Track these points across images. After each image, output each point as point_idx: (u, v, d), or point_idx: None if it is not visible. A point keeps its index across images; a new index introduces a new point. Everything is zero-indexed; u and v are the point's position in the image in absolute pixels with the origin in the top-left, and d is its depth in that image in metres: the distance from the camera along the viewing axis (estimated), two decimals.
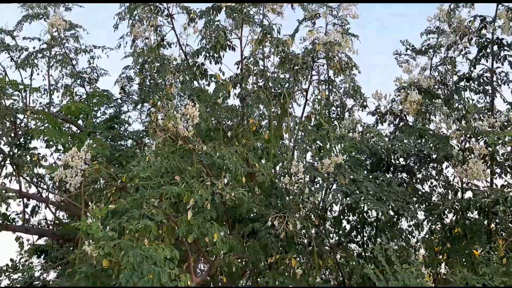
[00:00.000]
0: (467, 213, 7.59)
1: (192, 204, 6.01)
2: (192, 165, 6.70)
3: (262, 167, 7.36)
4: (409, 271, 5.99)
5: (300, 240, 7.50)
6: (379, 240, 7.15)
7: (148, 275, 4.93)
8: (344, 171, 7.08)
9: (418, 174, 8.75)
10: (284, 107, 8.60)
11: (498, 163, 8.04)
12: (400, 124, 8.93)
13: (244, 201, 6.56)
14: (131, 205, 5.82)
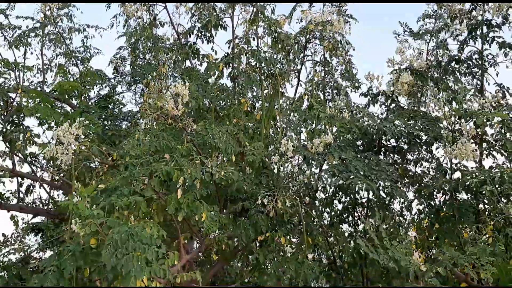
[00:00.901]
0: (456, 194, 7.64)
1: (182, 183, 6.06)
2: (182, 144, 6.73)
3: (253, 147, 7.39)
4: (398, 247, 6.08)
5: (290, 219, 7.54)
6: (371, 220, 7.21)
7: (132, 252, 4.97)
8: (333, 151, 7.11)
9: (409, 156, 8.80)
10: (276, 88, 8.61)
11: (487, 143, 8.09)
12: (392, 106, 8.94)
13: (234, 180, 6.61)
14: (121, 183, 5.86)
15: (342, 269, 9.79)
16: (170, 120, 6.55)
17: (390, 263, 5.74)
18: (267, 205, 6.73)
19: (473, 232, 6.77)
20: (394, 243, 6.03)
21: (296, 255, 7.33)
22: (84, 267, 5.30)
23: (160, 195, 6.36)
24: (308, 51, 9.50)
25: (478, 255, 5.95)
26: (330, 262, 10.44)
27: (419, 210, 8.40)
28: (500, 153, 8.06)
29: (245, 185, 7.21)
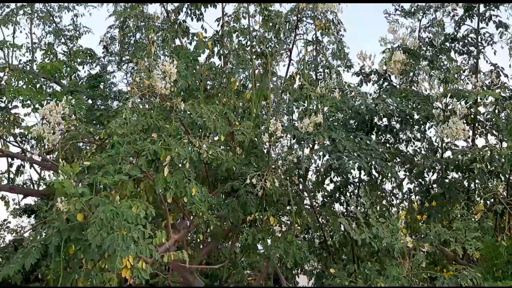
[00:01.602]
0: (447, 172, 7.62)
1: (168, 161, 6.00)
2: (170, 123, 6.66)
3: (242, 126, 7.32)
4: (384, 225, 6.07)
5: (280, 199, 7.52)
6: (362, 200, 7.19)
7: (118, 231, 4.94)
8: (323, 131, 7.06)
9: (401, 135, 8.75)
10: (266, 67, 8.51)
11: (479, 123, 8.05)
12: (384, 85, 8.87)
13: (222, 159, 6.56)
14: (106, 161, 5.80)
15: (333, 248, 9.83)
16: (158, 99, 6.46)
17: (374, 241, 5.73)
18: (256, 185, 6.69)
19: (461, 209, 6.76)
20: (381, 220, 6.01)
21: (285, 235, 7.32)
22: (69, 244, 5.26)
23: (148, 174, 6.30)
24: (299, 30, 9.38)
25: (464, 231, 5.95)
26: (321, 242, 10.48)
27: (409, 189, 8.39)
28: (491, 133, 8.03)
29: (234, 165, 7.16)
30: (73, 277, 5.34)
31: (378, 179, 9.18)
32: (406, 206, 9.56)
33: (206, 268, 10.17)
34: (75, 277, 5.33)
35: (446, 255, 8.07)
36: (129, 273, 5.21)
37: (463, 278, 5.78)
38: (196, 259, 9.46)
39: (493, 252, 6.55)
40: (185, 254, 5.87)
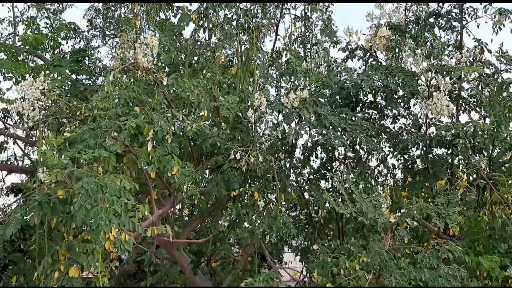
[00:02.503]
0: (430, 148, 7.65)
1: (151, 136, 5.94)
2: (153, 97, 6.57)
3: (227, 101, 7.26)
4: (367, 200, 6.11)
5: (265, 174, 7.51)
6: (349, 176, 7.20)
7: (102, 204, 4.91)
8: (308, 106, 7.02)
9: (386, 111, 8.75)
10: (253, 42, 8.39)
11: (463, 100, 8.07)
12: (370, 60, 8.83)
13: (206, 134, 6.51)
14: (87, 135, 5.72)
15: (318, 224, 9.90)
16: (140, 73, 6.37)
17: (360, 216, 5.77)
18: (240, 160, 6.67)
19: (444, 184, 6.80)
20: (364, 195, 6.04)
21: (269, 210, 7.34)
22: (50, 217, 5.23)
23: (131, 149, 6.24)
24: (287, 5, 9.25)
25: (445, 205, 6.00)
26: (307, 218, 10.55)
27: (393, 165, 8.43)
28: (475, 110, 8.06)
29: (219, 140, 7.11)
30: (55, 248, 5.32)
31: (363, 155, 9.23)
32: (391, 183, 9.63)
33: (192, 243, 10.21)
34: (56, 249, 5.31)
35: (430, 231, 8.16)
36: (111, 245, 5.19)
37: (444, 251, 5.85)
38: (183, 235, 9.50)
39: (475, 227, 6.63)
40: (168, 229, 5.86)
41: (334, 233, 10.07)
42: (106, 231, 4.81)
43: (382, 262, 5.95)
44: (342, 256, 6.76)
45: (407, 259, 6.08)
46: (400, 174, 8.49)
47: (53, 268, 5.28)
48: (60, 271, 5.23)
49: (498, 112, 5.98)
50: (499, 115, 5.97)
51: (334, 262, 6.77)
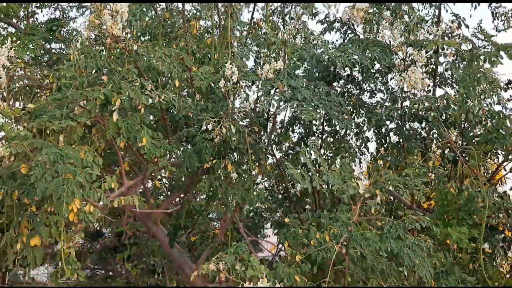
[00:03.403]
0: (404, 121, 7.64)
1: (118, 105, 5.83)
2: (123, 66, 6.44)
3: (200, 71, 7.14)
4: (336, 172, 6.09)
5: (238, 146, 7.45)
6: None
7: (63, 174, 4.82)
8: (282, 78, 6.93)
9: (364, 86, 8.70)
10: (229, 12, 8.24)
11: (440, 75, 8.04)
12: (348, 33, 8.73)
13: (176, 104, 6.41)
14: (53, 105, 5.60)
15: (295, 198, 9.92)
16: (110, 40, 6.22)
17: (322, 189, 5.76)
18: (212, 131, 6.59)
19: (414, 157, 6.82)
20: (332, 168, 6.02)
21: (242, 182, 7.31)
22: (12, 189, 5.14)
23: (99, 119, 6.14)
24: None
25: (413, 177, 6.01)
26: (284, 192, 10.56)
27: (366, 137, 8.41)
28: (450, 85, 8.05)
29: (191, 111, 7.02)
30: (17, 219, 5.24)
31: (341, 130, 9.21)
32: (368, 157, 9.63)
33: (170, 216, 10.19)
34: (19, 220, 5.24)
35: (404, 203, 8.22)
36: (75, 216, 5.13)
37: (411, 222, 5.88)
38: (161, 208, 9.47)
39: (444, 200, 6.68)
40: (135, 199, 5.81)
41: (311, 207, 10.12)
42: (69, 202, 4.73)
43: (349, 232, 5.97)
44: (313, 228, 6.79)
45: (377, 231, 6.11)
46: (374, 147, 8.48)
47: (16, 240, 5.21)
48: (22, 242, 5.16)
49: (468, 84, 5.96)
50: (468, 87, 5.95)
51: (305, 234, 6.80)
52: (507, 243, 6.94)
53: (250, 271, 6.06)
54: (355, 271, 6.40)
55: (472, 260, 7.03)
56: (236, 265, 6.22)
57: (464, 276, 6.56)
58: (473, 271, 7.06)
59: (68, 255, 5.35)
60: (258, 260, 6.42)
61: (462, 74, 6.49)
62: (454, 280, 6.45)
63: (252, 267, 6.14)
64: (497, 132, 6.01)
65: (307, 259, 6.35)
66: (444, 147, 6.88)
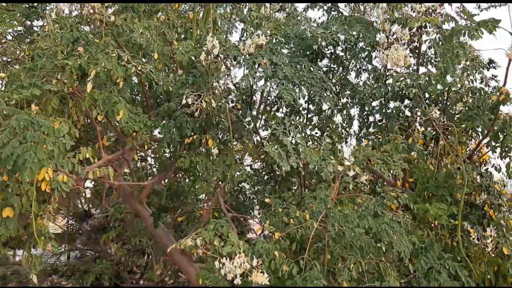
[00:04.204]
0: (387, 99, 7.58)
1: (93, 76, 5.72)
2: (101, 38, 6.33)
3: (181, 45, 7.03)
4: (314, 151, 6.04)
5: (220, 122, 7.37)
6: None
7: (32, 142, 4.73)
8: (264, 53, 6.83)
9: (348, 64, 8.61)
10: None
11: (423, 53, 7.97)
12: (331, 10, 8.62)
13: (154, 76, 6.31)
14: (27, 75, 5.49)
15: (280, 177, 9.88)
16: (86, 11, 6.10)
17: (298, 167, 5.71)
18: (192, 106, 6.50)
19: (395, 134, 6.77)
20: (312, 146, 5.97)
21: (223, 158, 7.25)
22: None
23: (76, 91, 6.04)
24: None
25: (390, 152, 5.98)
26: (269, 172, 10.52)
27: (349, 115, 8.35)
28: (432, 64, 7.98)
29: (172, 86, 6.92)
30: None
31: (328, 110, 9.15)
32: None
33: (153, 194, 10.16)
34: None
35: (387, 182, 8.20)
36: (48, 186, 5.06)
37: (389, 199, 5.85)
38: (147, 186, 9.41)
39: (424, 177, 6.65)
40: (110, 170, 5.74)
41: (296, 186, 10.11)
42: (34, 169, 4.65)
43: (327, 210, 5.94)
44: (293, 207, 6.76)
45: (352, 205, 6.09)
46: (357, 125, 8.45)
47: None
48: None
49: (447, 59, 5.89)
50: (447, 61, 5.88)
51: (285, 212, 6.78)
52: (486, 220, 6.93)
53: (228, 247, 6.03)
54: (334, 248, 6.39)
55: (451, 237, 7.03)
56: (215, 241, 6.19)
57: (443, 253, 6.56)
58: (452, 248, 7.07)
59: (41, 226, 5.28)
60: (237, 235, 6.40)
61: (441, 49, 6.41)
62: (433, 257, 6.45)
63: (231, 243, 6.11)
64: (477, 109, 5.96)
65: (286, 236, 6.33)
66: (426, 125, 6.84)
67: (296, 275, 5.93)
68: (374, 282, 5.81)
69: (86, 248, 16.35)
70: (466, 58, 5.98)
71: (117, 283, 14.48)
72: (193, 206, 12.47)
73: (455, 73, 6.06)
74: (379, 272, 6.02)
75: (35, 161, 4.63)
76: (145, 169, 12.08)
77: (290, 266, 6.00)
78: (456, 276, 6.38)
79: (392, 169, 5.86)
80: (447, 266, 6.27)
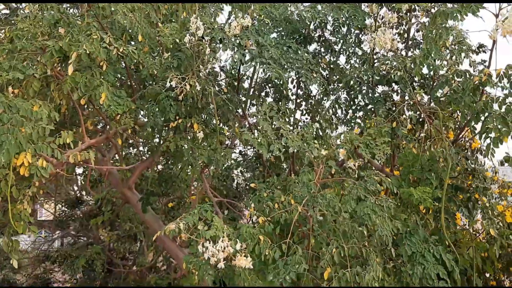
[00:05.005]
0: (374, 84, 7.51)
1: (74, 58, 5.64)
2: (83, 20, 6.22)
3: (166, 28, 6.93)
4: (297, 136, 5.99)
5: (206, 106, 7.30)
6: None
7: (8, 124, 4.66)
8: (250, 34, 6.74)
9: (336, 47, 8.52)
10: None
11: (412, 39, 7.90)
12: None
13: (136, 59, 6.22)
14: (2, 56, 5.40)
15: (268, 162, 9.83)
16: None
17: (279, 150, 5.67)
18: (176, 89, 6.42)
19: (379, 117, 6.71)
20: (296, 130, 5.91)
21: (209, 142, 7.19)
22: None
23: (57, 73, 5.96)
24: None
25: (374, 136, 5.93)
26: (257, 157, 10.48)
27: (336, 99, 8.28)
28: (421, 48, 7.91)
29: (156, 69, 6.83)
30: None
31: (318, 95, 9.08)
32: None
33: None
34: None
35: (375, 167, 8.17)
36: (26, 170, 5.00)
37: (372, 183, 5.82)
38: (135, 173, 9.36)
39: (409, 161, 6.62)
40: (91, 154, 5.68)
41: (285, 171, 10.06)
42: (12, 152, 4.59)
43: (310, 193, 5.90)
44: (278, 191, 6.73)
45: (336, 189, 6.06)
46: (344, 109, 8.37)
47: None
48: None
49: (429, 40, 5.83)
50: (430, 43, 5.82)
51: (270, 197, 6.75)
52: (472, 203, 6.91)
53: (211, 230, 6.00)
54: (318, 233, 6.37)
55: (435, 220, 7.02)
56: (199, 225, 6.16)
57: (428, 236, 6.56)
58: (438, 232, 7.06)
59: (20, 211, 5.23)
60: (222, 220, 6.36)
61: (426, 30, 6.34)
62: (418, 241, 6.44)
63: (214, 227, 6.08)
64: (463, 92, 5.91)
65: (271, 221, 6.30)
66: (413, 109, 6.79)
67: (278, 259, 5.91)
68: (357, 267, 5.80)
69: (79, 234, 16.38)
70: (448, 38, 5.92)
71: (110, 268, 14.53)
72: (183, 191, 12.44)
73: (439, 54, 6.00)
74: (362, 256, 6.01)
75: (12, 143, 4.56)
76: (137, 155, 12.03)
77: (273, 251, 5.98)
78: (441, 261, 6.38)
79: (375, 153, 5.81)
80: (432, 251, 6.27)
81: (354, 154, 6.55)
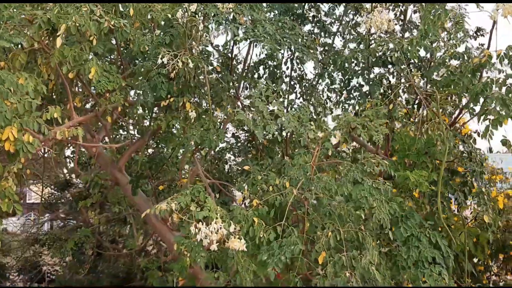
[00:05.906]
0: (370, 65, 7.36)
1: (63, 30, 5.41)
2: None
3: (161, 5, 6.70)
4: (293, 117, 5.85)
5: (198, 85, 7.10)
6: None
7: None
8: (244, 9, 6.53)
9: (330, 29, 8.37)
10: None
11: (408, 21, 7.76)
12: None
13: (128, 34, 6.00)
14: None
15: (262, 145, 9.70)
16: None
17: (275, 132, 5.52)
18: (167, 65, 6.21)
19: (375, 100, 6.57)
20: (291, 112, 5.76)
21: (201, 121, 7.01)
22: None
23: (44, 47, 5.73)
24: None
25: (371, 117, 5.80)
26: (251, 140, 10.33)
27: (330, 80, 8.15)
28: None
29: (147, 45, 6.61)
30: None
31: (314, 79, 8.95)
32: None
33: None
34: None
35: (369, 150, 8.07)
36: (12, 146, 4.81)
37: (370, 165, 5.70)
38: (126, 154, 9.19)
39: (405, 144, 6.51)
40: (79, 131, 5.48)
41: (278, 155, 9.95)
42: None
43: (305, 176, 5.77)
44: (272, 174, 6.60)
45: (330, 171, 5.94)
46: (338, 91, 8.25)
47: None
48: None
49: (428, 20, 5.67)
50: (428, 23, 5.67)
51: (264, 180, 6.61)
52: (468, 187, 6.83)
53: (204, 211, 5.85)
54: (313, 216, 6.26)
55: (430, 204, 6.94)
56: (191, 205, 6.00)
57: (423, 221, 6.47)
58: (433, 216, 6.98)
59: (5, 188, 5.03)
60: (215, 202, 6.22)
61: (424, 10, 6.18)
62: (413, 225, 6.36)
63: (207, 208, 5.93)
64: (460, 74, 5.78)
65: (265, 203, 6.18)
66: (410, 91, 6.67)
67: (273, 241, 5.80)
68: (353, 251, 5.69)
69: (68, 217, 16.19)
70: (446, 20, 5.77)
71: (99, 251, 14.40)
72: (173, 174, 12.28)
73: (437, 35, 5.86)
74: (358, 240, 5.90)
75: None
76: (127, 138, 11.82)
77: (268, 233, 5.86)
78: (436, 245, 6.30)
79: (373, 135, 5.67)
80: (428, 235, 6.18)
81: (348, 137, 6.43)
